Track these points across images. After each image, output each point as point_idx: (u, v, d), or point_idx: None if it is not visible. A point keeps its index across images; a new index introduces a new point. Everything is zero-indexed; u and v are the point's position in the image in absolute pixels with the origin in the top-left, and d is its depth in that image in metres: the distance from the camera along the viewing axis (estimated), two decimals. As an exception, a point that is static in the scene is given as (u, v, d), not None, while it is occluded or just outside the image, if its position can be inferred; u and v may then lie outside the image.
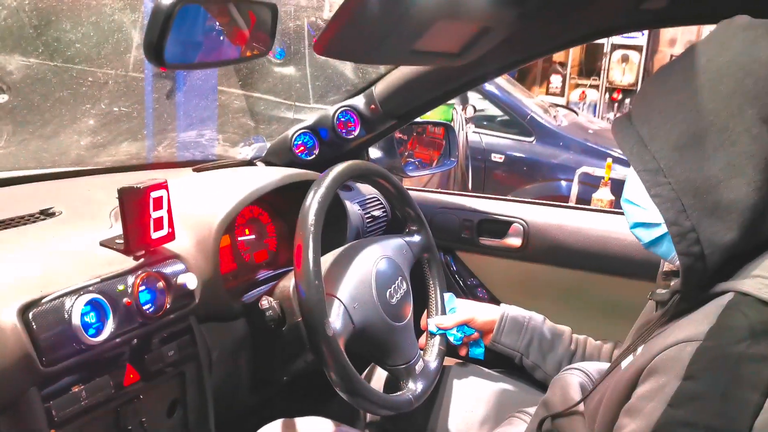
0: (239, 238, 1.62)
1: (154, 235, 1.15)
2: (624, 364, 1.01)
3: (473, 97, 5.67)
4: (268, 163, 1.89)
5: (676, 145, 0.90)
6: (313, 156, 1.87)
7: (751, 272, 0.86)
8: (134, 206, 1.10)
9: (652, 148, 0.92)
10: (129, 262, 1.14)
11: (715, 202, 0.87)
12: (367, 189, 1.98)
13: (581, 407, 1.15)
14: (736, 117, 0.86)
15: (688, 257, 0.89)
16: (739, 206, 0.86)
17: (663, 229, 0.95)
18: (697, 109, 0.89)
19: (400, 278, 1.47)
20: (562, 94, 9.26)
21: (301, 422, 1.37)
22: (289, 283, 1.36)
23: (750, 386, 0.77)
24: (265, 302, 1.35)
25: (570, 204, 4.15)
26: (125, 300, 1.08)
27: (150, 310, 1.12)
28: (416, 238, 1.61)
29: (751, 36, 0.88)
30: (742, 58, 0.87)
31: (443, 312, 1.60)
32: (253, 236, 1.66)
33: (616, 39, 8.55)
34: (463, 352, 1.58)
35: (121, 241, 1.14)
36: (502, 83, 5.89)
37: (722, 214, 0.87)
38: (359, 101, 1.85)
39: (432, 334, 1.57)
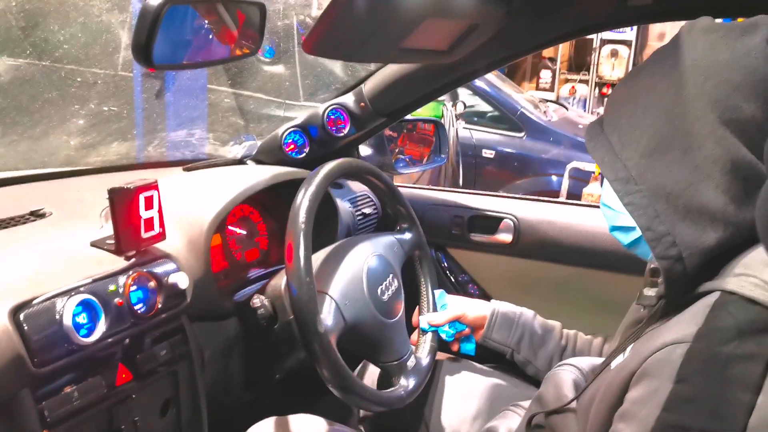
0: (230, 235, 1.62)
1: (145, 235, 1.15)
2: (614, 364, 1.02)
3: (463, 93, 5.67)
4: (258, 162, 1.89)
5: (645, 152, 0.92)
6: (304, 154, 1.87)
7: (734, 270, 0.86)
8: (124, 206, 1.10)
9: (623, 156, 0.94)
10: (120, 263, 1.14)
11: (686, 205, 0.89)
12: (357, 186, 1.98)
13: (573, 404, 1.15)
14: (700, 120, 0.87)
15: (667, 260, 0.90)
16: (710, 208, 0.88)
17: (638, 232, 0.97)
18: (663, 115, 0.91)
19: (391, 275, 1.47)
20: (551, 89, 9.28)
21: (292, 420, 1.37)
22: (280, 281, 1.36)
23: (741, 386, 0.77)
24: (256, 300, 1.35)
25: (560, 199, 4.17)
26: (117, 300, 1.08)
27: (141, 309, 1.13)
28: (407, 235, 1.61)
29: (711, 39, 0.90)
30: (703, 62, 0.89)
31: (434, 309, 1.60)
32: (244, 235, 1.66)
33: (606, 34, 8.57)
34: (454, 347, 1.59)
35: (112, 242, 1.14)
36: (492, 79, 5.89)
37: (694, 217, 0.89)
38: (349, 99, 1.85)
39: (424, 331, 1.57)
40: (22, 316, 0.95)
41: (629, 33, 8.55)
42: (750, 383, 0.77)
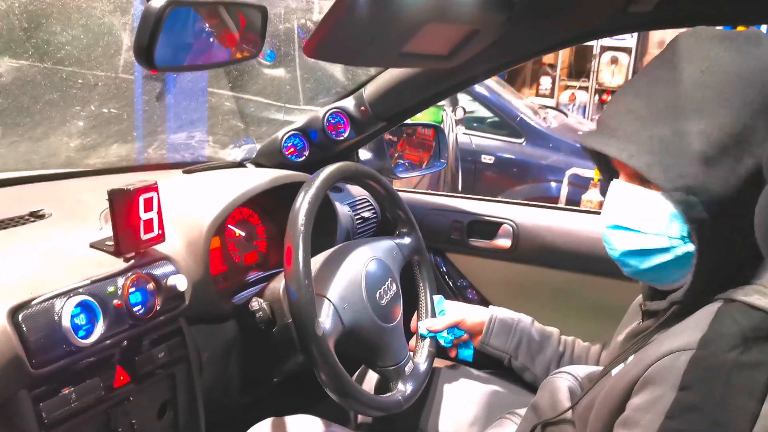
0: (229, 238, 1.62)
1: (144, 237, 1.15)
2: (614, 372, 1.01)
3: (463, 98, 5.68)
4: (258, 165, 1.89)
5: (700, 160, 0.87)
6: (303, 158, 1.87)
7: (741, 279, 0.87)
8: (124, 208, 1.10)
9: (677, 166, 0.88)
10: (119, 264, 1.14)
11: (738, 215, 0.84)
12: (357, 190, 1.98)
13: (570, 413, 1.15)
14: (751, 128, 0.86)
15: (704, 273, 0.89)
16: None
17: (671, 254, 0.94)
18: (712, 121, 0.87)
19: (390, 280, 1.47)
20: (551, 95, 9.28)
21: (290, 421, 1.37)
22: (279, 284, 1.36)
23: (745, 394, 0.78)
24: (255, 303, 1.35)
25: (559, 205, 4.17)
26: (115, 302, 1.08)
27: (140, 311, 1.13)
28: (406, 240, 1.62)
29: (734, 47, 0.90)
30: (737, 68, 0.88)
31: (433, 314, 1.60)
32: (243, 237, 1.66)
33: (606, 41, 8.58)
34: (452, 353, 1.59)
35: (111, 243, 1.14)
36: (492, 85, 5.91)
37: (743, 224, 0.82)
38: (349, 103, 1.85)
39: (422, 337, 1.57)
40: (20, 317, 0.95)
41: (629, 40, 8.55)
42: (754, 391, 0.77)
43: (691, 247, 0.92)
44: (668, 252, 0.94)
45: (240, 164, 1.89)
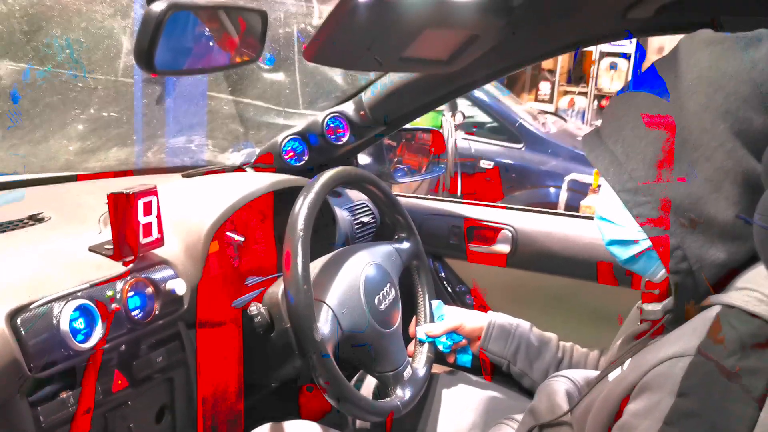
0: (228, 242, 1.62)
1: (143, 241, 1.15)
2: (611, 376, 1.01)
3: (462, 103, 5.69)
4: (257, 169, 1.89)
5: (652, 163, 0.91)
6: (303, 162, 1.87)
7: (737, 285, 0.87)
8: (123, 212, 1.10)
9: (629, 167, 0.93)
10: (118, 268, 1.14)
11: (695, 218, 0.88)
12: (356, 195, 1.98)
13: (568, 416, 1.15)
14: (709, 132, 0.87)
15: (678, 274, 0.90)
16: (720, 221, 0.87)
17: (640, 246, 0.97)
18: (670, 126, 0.90)
19: (388, 285, 1.47)
20: (550, 101, 9.29)
21: (288, 426, 1.37)
22: (277, 288, 1.36)
23: (743, 400, 0.77)
24: (253, 308, 1.35)
25: (558, 211, 4.17)
26: (114, 306, 1.08)
27: (139, 315, 1.13)
28: (405, 244, 1.61)
29: (717, 50, 0.89)
30: (711, 73, 0.88)
31: (432, 319, 1.60)
32: (242, 242, 1.65)
33: (605, 47, 8.61)
34: (450, 359, 1.58)
35: (110, 247, 1.14)
36: (491, 90, 5.91)
37: (704, 229, 0.88)
38: (348, 107, 1.85)
39: (421, 342, 1.57)
40: (19, 321, 0.95)
41: (628, 46, 8.57)
42: (752, 398, 0.77)
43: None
44: (638, 244, 0.98)
45: (239, 168, 1.89)
